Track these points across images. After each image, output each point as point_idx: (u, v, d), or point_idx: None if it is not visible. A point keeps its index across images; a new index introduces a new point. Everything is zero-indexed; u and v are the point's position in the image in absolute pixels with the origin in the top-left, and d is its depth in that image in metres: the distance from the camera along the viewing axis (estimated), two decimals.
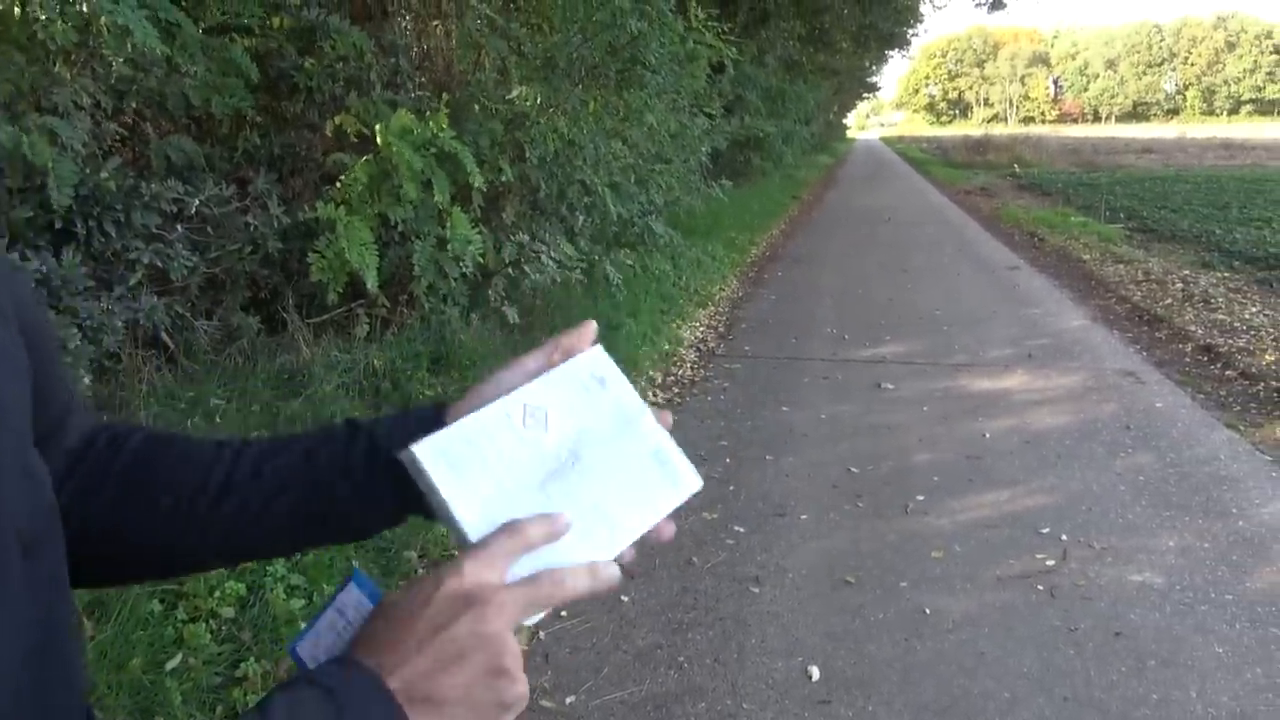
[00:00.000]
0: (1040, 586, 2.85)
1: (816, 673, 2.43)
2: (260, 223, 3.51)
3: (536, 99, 5.10)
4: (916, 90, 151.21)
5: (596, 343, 0.61)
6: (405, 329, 4.33)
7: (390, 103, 4.09)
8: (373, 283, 3.58)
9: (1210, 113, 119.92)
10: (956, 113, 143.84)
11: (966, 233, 12.32)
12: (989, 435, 4.23)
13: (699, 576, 2.95)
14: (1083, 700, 2.30)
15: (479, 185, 4.07)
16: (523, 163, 4.94)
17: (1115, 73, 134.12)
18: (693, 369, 5.53)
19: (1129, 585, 2.85)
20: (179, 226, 3.20)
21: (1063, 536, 3.18)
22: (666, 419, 0.61)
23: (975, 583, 2.89)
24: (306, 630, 0.55)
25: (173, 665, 2.10)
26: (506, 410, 0.54)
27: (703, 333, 6.48)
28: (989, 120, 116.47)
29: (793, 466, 3.89)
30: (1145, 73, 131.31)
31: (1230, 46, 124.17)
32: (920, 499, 3.53)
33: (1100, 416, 4.47)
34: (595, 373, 0.59)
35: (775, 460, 3.97)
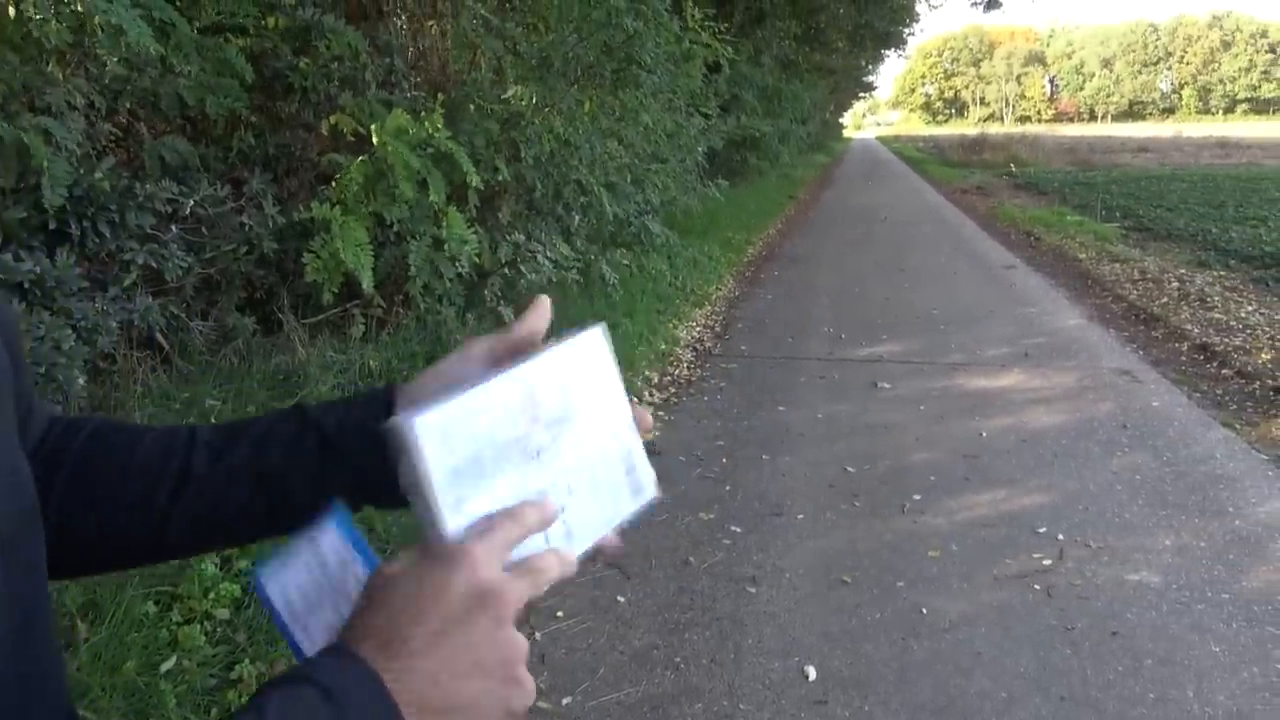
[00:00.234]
0: (1037, 586, 2.85)
1: (813, 673, 2.43)
2: (255, 223, 3.51)
3: (532, 99, 5.10)
4: (913, 89, 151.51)
5: (551, 320, 0.59)
6: (401, 329, 4.32)
7: (385, 103, 4.08)
8: (368, 283, 3.57)
9: (1206, 111, 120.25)
10: (953, 112, 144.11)
11: (963, 232, 12.33)
12: (986, 434, 4.23)
13: (695, 577, 2.95)
14: (1079, 699, 2.30)
15: (474, 185, 4.06)
16: (518, 162, 4.93)
17: (1111, 72, 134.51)
18: (689, 369, 5.52)
19: (1126, 584, 2.85)
20: (174, 227, 3.20)
21: (1059, 536, 3.18)
22: (647, 420, 0.59)
23: (972, 582, 2.89)
24: (275, 561, 0.50)
25: (167, 667, 2.10)
26: (503, 390, 0.50)
27: (699, 332, 6.47)
28: (985, 119, 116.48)
29: (789, 466, 3.89)
30: (1141, 72, 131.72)
31: (1226, 45, 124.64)
32: (917, 498, 3.53)
33: (1097, 415, 4.47)
34: (591, 359, 0.57)
35: (772, 460, 3.96)
